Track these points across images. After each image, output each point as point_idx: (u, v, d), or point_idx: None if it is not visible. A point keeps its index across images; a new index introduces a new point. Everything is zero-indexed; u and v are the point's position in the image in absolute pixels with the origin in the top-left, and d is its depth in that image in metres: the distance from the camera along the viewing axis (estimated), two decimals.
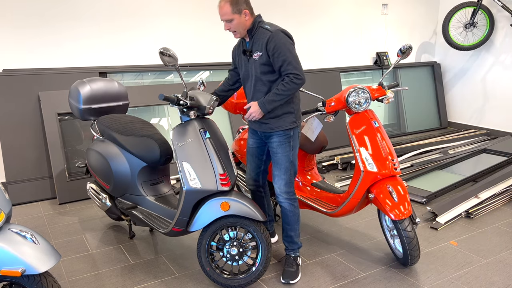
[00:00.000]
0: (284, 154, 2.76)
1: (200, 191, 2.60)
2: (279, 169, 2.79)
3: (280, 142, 2.76)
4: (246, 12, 2.66)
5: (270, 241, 2.68)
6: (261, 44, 2.64)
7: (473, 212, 3.80)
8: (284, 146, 2.76)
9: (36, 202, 4.31)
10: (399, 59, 3.01)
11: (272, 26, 2.67)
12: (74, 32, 4.56)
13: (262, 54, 2.64)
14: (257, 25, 2.70)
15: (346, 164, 5.12)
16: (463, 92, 6.86)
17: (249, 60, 2.72)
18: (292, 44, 2.65)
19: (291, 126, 2.75)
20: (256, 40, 2.68)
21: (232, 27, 2.67)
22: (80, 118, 3.50)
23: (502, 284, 2.80)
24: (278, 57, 2.59)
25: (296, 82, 2.60)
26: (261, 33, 2.67)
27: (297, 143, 2.82)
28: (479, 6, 6.07)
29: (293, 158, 2.81)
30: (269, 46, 2.60)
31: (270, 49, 2.59)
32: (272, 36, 2.60)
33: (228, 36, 5.39)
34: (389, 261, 3.09)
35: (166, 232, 2.85)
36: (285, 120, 2.74)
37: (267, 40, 2.60)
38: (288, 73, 2.59)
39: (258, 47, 2.66)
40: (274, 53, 2.59)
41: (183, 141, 2.65)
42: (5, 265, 2.01)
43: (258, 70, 2.69)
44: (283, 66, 2.59)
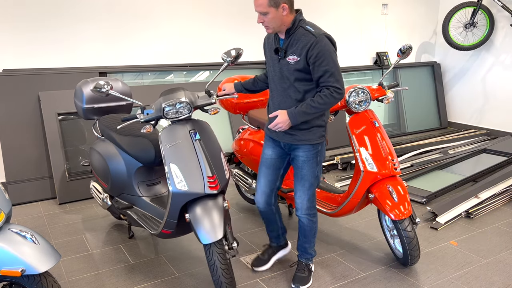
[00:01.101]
0: (310, 170, 2.57)
1: (187, 193, 2.55)
2: (303, 185, 2.60)
3: (307, 158, 2.55)
4: (285, 7, 2.35)
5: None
6: (300, 48, 2.37)
7: (473, 212, 3.80)
8: (311, 162, 2.56)
9: (36, 202, 4.31)
10: (399, 59, 3.01)
11: (315, 28, 2.40)
12: (74, 32, 4.56)
13: (300, 59, 2.38)
14: (298, 24, 2.41)
15: (346, 164, 5.12)
16: (463, 92, 6.86)
17: (280, 61, 2.46)
18: (335, 53, 2.40)
19: (320, 140, 2.54)
20: (294, 41, 2.41)
21: (266, 21, 2.38)
22: (84, 118, 3.52)
23: (502, 284, 2.80)
24: (320, 66, 2.34)
25: (336, 97, 2.36)
26: (301, 34, 2.39)
27: (323, 157, 2.64)
28: (479, 6, 6.07)
29: (319, 172, 2.63)
30: (311, 52, 2.33)
31: (312, 56, 2.33)
32: (317, 42, 2.33)
33: (228, 36, 5.39)
34: (389, 261, 3.09)
35: (157, 233, 2.84)
36: (315, 134, 2.51)
37: (310, 45, 2.34)
38: (329, 85, 2.35)
39: (297, 51, 2.39)
40: (316, 61, 2.33)
41: (172, 142, 2.60)
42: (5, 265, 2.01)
43: (292, 76, 2.43)
44: (323, 76, 2.35)
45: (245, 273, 2.97)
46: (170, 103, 2.62)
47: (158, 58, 5.06)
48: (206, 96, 2.75)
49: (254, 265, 2.99)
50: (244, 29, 5.47)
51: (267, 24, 2.39)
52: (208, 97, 2.75)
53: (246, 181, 3.70)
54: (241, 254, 3.21)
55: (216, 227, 2.48)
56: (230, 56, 2.68)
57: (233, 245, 2.58)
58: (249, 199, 4.04)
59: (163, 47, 5.06)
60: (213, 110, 2.75)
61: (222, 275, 2.49)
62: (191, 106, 2.65)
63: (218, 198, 2.61)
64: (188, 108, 2.65)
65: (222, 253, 2.50)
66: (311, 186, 2.61)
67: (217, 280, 2.51)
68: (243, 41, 5.49)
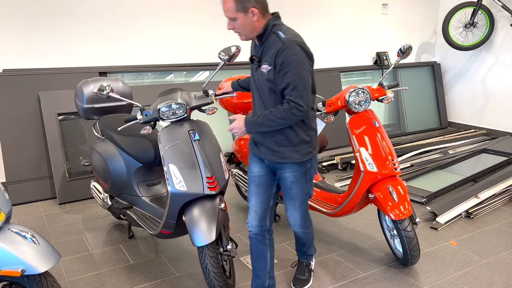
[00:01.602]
0: (299, 189, 2.36)
1: (186, 194, 2.55)
2: (293, 204, 2.41)
3: (295, 178, 2.32)
4: (255, 12, 2.13)
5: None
6: (270, 56, 2.14)
7: (473, 212, 3.80)
8: (299, 181, 2.34)
9: (36, 202, 4.31)
10: (399, 59, 3.01)
11: (287, 33, 2.15)
12: (74, 32, 4.56)
13: (271, 69, 2.15)
14: (271, 29, 2.19)
15: (346, 164, 5.12)
16: (463, 92, 6.86)
17: (257, 71, 2.25)
18: (307, 64, 2.12)
19: (307, 157, 2.30)
20: (267, 48, 2.18)
21: (236, 28, 2.18)
22: (84, 117, 3.52)
23: (502, 284, 2.80)
24: (284, 76, 2.09)
25: (295, 114, 2.10)
26: (273, 41, 2.16)
27: (313, 174, 2.42)
28: (479, 6, 6.07)
29: (309, 189, 2.43)
30: (277, 60, 2.10)
31: (278, 64, 2.10)
32: (283, 49, 2.09)
33: (229, 36, 5.39)
34: (389, 261, 3.09)
35: (156, 234, 2.84)
36: (300, 151, 2.27)
37: (276, 53, 2.10)
38: (290, 99, 2.10)
39: (268, 59, 2.16)
40: (280, 70, 2.10)
41: (171, 142, 2.60)
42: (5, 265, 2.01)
43: (266, 87, 2.21)
44: (286, 89, 2.11)
45: (245, 273, 2.97)
46: (165, 105, 2.62)
47: (158, 58, 5.06)
48: (204, 96, 2.75)
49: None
50: None
51: (238, 31, 2.19)
52: (206, 97, 2.75)
53: (246, 181, 3.70)
54: (241, 254, 3.21)
55: (209, 230, 2.47)
56: (230, 52, 2.67)
57: (228, 247, 2.58)
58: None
59: (163, 47, 5.06)
60: (211, 110, 2.75)
61: (215, 278, 2.49)
62: (186, 107, 2.65)
63: (216, 199, 2.61)
64: (184, 109, 2.64)
65: (214, 256, 2.50)
66: (302, 203, 2.42)
67: (210, 283, 2.51)
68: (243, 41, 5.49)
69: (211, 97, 2.75)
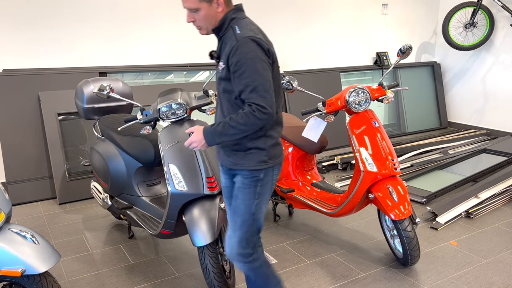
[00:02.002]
0: (244, 201, 2.04)
1: (186, 194, 2.55)
2: (234, 220, 2.07)
3: (242, 184, 2.04)
4: (220, 2, 1.93)
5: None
6: (225, 53, 1.94)
7: (473, 212, 3.80)
8: (247, 190, 2.04)
9: (36, 202, 4.31)
10: (399, 59, 3.01)
11: (243, 28, 1.92)
12: (74, 32, 4.56)
13: (225, 68, 1.95)
14: (229, 23, 1.96)
15: (346, 164, 5.12)
16: (463, 92, 6.86)
17: (217, 66, 2.04)
18: (265, 61, 1.88)
19: (259, 166, 2.01)
20: (224, 44, 1.98)
21: (197, 20, 1.95)
22: (84, 117, 3.52)
23: (502, 284, 2.80)
24: (240, 78, 1.86)
25: (259, 117, 1.85)
26: (229, 37, 1.94)
27: (267, 191, 2.08)
28: (479, 6, 6.07)
29: (257, 210, 2.06)
30: (231, 60, 1.88)
31: (232, 64, 1.88)
32: (237, 47, 1.86)
33: None
34: (389, 261, 3.09)
35: (156, 234, 2.84)
36: (251, 158, 2.01)
37: (230, 51, 1.89)
38: (251, 102, 1.85)
39: (224, 56, 1.96)
40: (236, 71, 1.86)
41: (171, 142, 2.61)
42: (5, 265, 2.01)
43: (220, 86, 2.01)
44: (244, 92, 1.86)
45: None
46: (165, 105, 2.63)
47: (158, 58, 5.06)
48: (204, 96, 2.75)
49: None
50: None
51: (199, 24, 1.96)
52: (206, 97, 2.75)
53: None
54: None
55: (209, 230, 2.48)
56: None
57: None
58: None
59: (163, 47, 5.06)
60: (211, 110, 2.75)
61: (215, 278, 2.49)
62: (187, 107, 2.65)
63: (216, 199, 2.62)
64: (184, 109, 2.65)
65: (214, 256, 2.50)
66: (243, 224, 2.05)
67: (210, 283, 2.52)
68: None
69: (211, 97, 2.75)
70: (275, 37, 5.68)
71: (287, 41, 5.79)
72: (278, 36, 5.71)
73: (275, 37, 5.69)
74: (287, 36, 5.78)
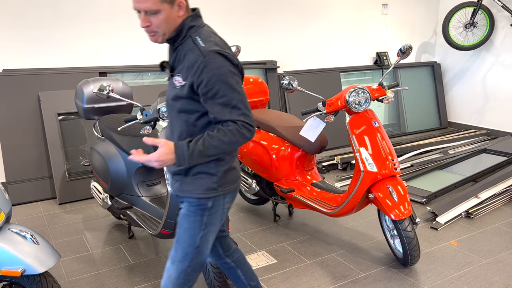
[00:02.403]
0: (189, 231, 1.80)
1: None
2: (175, 251, 1.83)
3: (188, 212, 1.81)
4: (182, 4, 1.70)
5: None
6: (186, 68, 1.69)
7: (473, 212, 3.80)
8: (192, 219, 1.80)
9: (36, 202, 4.31)
10: (399, 59, 3.01)
11: (206, 41, 1.69)
12: (74, 32, 4.56)
13: (185, 85, 1.69)
14: (187, 31, 1.72)
15: (346, 164, 5.12)
16: (463, 92, 6.86)
17: (170, 81, 1.80)
18: (237, 74, 1.70)
19: (208, 194, 1.78)
20: (181, 56, 1.73)
21: (155, 24, 1.68)
22: (84, 117, 3.52)
23: (502, 284, 2.80)
24: (214, 98, 1.65)
25: (246, 135, 1.67)
26: (189, 49, 1.70)
27: (216, 221, 1.84)
28: (479, 6, 6.07)
29: (202, 242, 1.82)
30: (199, 79, 1.64)
31: (202, 84, 1.64)
32: (205, 64, 1.63)
33: (229, 36, 5.38)
34: (389, 261, 3.09)
35: (156, 234, 2.84)
36: (200, 184, 1.78)
37: (196, 68, 1.65)
38: (235, 119, 1.66)
39: (183, 71, 1.70)
40: (208, 91, 1.64)
41: None
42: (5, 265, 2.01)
43: (177, 104, 1.75)
44: (222, 112, 1.66)
45: None
46: (164, 105, 2.63)
47: (158, 58, 5.06)
48: None
49: None
50: (244, 29, 5.46)
51: (156, 29, 1.69)
52: None
53: (246, 181, 3.70)
54: None
55: None
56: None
57: None
58: (249, 199, 4.04)
59: (163, 47, 5.06)
60: None
61: (215, 278, 2.49)
62: None
63: None
64: None
65: None
66: (186, 257, 1.81)
67: (210, 283, 2.52)
68: (243, 41, 5.49)
69: None
70: (275, 37, 5.68)
71: (287, 41, 5.79)
72: (278, 36, 5.70)
73: (275, 37, 5.69)
74: (287, 36, 5.78)
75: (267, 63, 5.59)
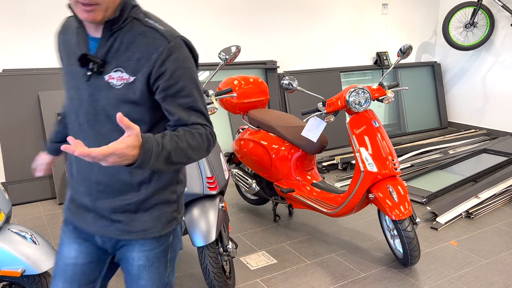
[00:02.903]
0: (154, 280, 1.45)
1: (186, 194, 2.54)
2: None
3: (147, 261, 1.42)
4: None
5: None
6: (137, 58, 1.27)
7: (473, 212, 3.80)
8: (155, 266, 1.44)
9: (36, 202, 4.31)
10: (399, 59, 3.01)
11: (162, 23, 1.32)
12: None
13: (136, 81, 1.27)
14: (129, 12, 1.30)
15: (346, 164, 5.12)
16: (463, 92, 6.86)
17: (91, 81, 1.31)
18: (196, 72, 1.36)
19: (170, 227, 1.44)
20: (121, 43, 1.29)
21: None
22: None
23: (502, 284, 2.80)
24: (177, 96, 1.29)
25: (210, 148, 1.35)
26: (137, 32, 1.29)
27: (177, 249, 1.53)
28: (479, 6, 6.07)
29: (170, 279, 1.51)
30: (160, 68, 1.26)
31: (164, 75, 1.27)
32: (170, 51, 1.27)
33: (229, 35, 5.38)
34: (389, 261, 3.09)
35: None
36: (158, 218, 1.40)
37: (158, 55, 1.26)
38: (201, 123, 1.34)
39: (128, 64, 1.28)
40: (170, 86, 1.28)
41: None
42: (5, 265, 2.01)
43: (118, 110, 1.29)
44: (185, 113, 1.31)
45: (245, 273, 2.96)
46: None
47: None
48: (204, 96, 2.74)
49: None
50: (244, 28, 5.46)
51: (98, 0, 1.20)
52: (206, 97, 2.75)
53: (246, 181, 3.70)
54: (241, 254, 3.21)
55: (209, 230, 2.47)
56: (230, 53, 2.66)
57: (228, 247, 2.58)
58: (249, 199, 4.04)
59: None
60: (211, 110, 2.74)
61: (215, 278, 2.49)
62: None
63: (216, 199, 2.61)
64: None
65: (214, 256, 2.50)
66: None
67: (210, 283, 2.52)
68: (243, 41, 5.49)
69: (211, 97, 2.74)
70: (275, 37, 5.68)
71: (287, 41, 5.79)
72: (278, 36, 5.70)
73: (275, 37, 5.69)
74: (287, 36, 5.78)
75: (267, 63, 5.59)
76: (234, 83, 3.58)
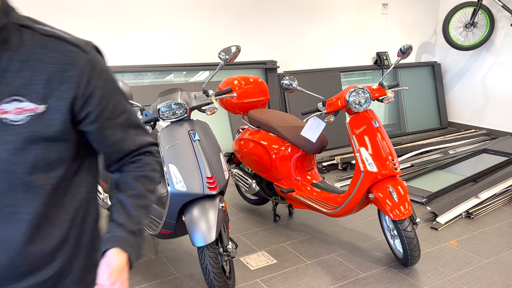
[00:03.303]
0: None
1: (186, 194, 2.54)
2: None
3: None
4: None
5: None
6: (45, 79, 0.94)
7: (473, 212, 3.80)
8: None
9: None
10: (399, 59, 3.01)
11: (63, 32, 1.00)
12: (73, 31, 4.56)
13: (51, 107, 0.95)
14: (11, 18, 0.94)
15: (346, 164, 5.12)
16: (463, 92, 6.86)
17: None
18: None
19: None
20: (12, 61, 0.93)
21: None
22: None
23: (502, 284, 2.79)
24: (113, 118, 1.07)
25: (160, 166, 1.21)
26: (33, 44, 0.95)
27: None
28: (479, 6, 6.07)
29: None
30: (87, 88, 0.98)
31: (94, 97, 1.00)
32: (92, 65, 0.99)
33: (229, 35, 5.38)
34: (389, 261, 3.09)
35: (156, 234, 2.84)
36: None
37: (79, 72, 0.97)
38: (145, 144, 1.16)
39: (31, 87, 0.93)
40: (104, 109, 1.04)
41: (171, 142, 2.60)
42: None
43: (20, 152, 0.92)
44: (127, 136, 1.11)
45: (245, 273, 2.96)
46: (164, 105, 2.62)
47: (158, 58, 5.06)
48: (204, 96, 2.75)
49: None
50: (244, 28, 5.46)
51: None
52: (206, 97, 2.75)
53: (246, 181, 3.70)
54: (241, 254, 3.21)
55: (209, 230, 2.47)
56: (230, 53, 2.66)
57: (228, 247, 2.58)
58: (249, 199, 4.04)
59: (163, 47, 5.06)
60: (211, 110, 2.75)
61: (215, 278, 2.49)
62: (186, 107, 2.65)
63: (216, 199, 2.61)
64: (183, 109, 2.65)
65: (214, 256, 2.50)
66: None
67: (210, 283, 2.52)
68: (243, 41, 5.49)
69: (211, 97, 2.74)
70: (275, 37, 5.68)
71: (287, 41, 5.79)
72: (278, 36, 5.70)
73: (275, 37, 5.69)
74: (287, 36, 5.78)
75: (267, 63, 5.58)
76: (234, 83, 3.58)
